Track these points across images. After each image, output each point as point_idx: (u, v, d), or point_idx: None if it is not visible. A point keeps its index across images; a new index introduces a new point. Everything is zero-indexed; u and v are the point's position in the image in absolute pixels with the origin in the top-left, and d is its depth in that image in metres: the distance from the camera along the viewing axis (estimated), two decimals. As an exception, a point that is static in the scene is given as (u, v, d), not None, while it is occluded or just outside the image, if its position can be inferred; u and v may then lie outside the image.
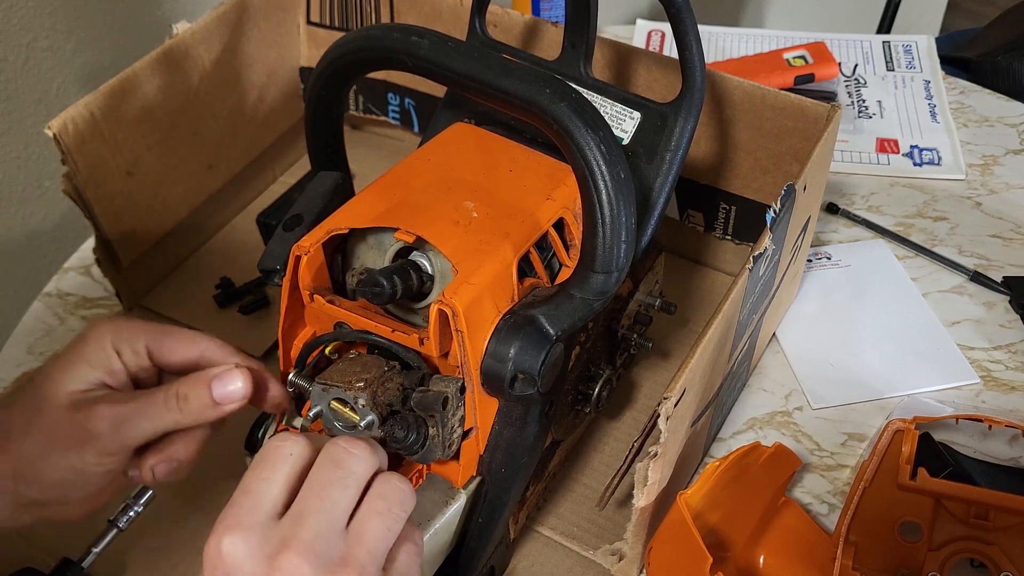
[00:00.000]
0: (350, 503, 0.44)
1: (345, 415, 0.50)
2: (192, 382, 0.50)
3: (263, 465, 0.44)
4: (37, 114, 0.96)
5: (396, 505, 0.44)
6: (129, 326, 0.52)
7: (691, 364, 0.53)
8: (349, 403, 0.49)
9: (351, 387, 0.49)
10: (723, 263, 0.84)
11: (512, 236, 0.53)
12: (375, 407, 0.49)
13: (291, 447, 0.44)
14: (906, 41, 1.13)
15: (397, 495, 0.45)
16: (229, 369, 0.51)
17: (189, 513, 0.68)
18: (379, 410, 0.49)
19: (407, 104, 0.91)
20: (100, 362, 0.51)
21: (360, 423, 0.49)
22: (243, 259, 0.87)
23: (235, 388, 0.50)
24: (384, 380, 0.50)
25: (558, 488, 0.68)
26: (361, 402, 0.49)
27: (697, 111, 0.61)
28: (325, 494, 0.43)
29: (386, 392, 0.49)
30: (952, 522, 0.62)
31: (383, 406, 0.49)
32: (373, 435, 0.49)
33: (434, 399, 0.49)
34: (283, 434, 0.45)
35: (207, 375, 0.50)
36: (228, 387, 0.50)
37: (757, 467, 0.63)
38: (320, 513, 0.42)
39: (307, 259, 0.52)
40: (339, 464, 0.44)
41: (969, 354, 0.77)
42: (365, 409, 0.49)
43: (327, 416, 0.50)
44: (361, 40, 0.55)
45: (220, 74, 0.83)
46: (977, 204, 0.91)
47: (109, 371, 0.51)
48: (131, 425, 0.49)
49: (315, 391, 0.51)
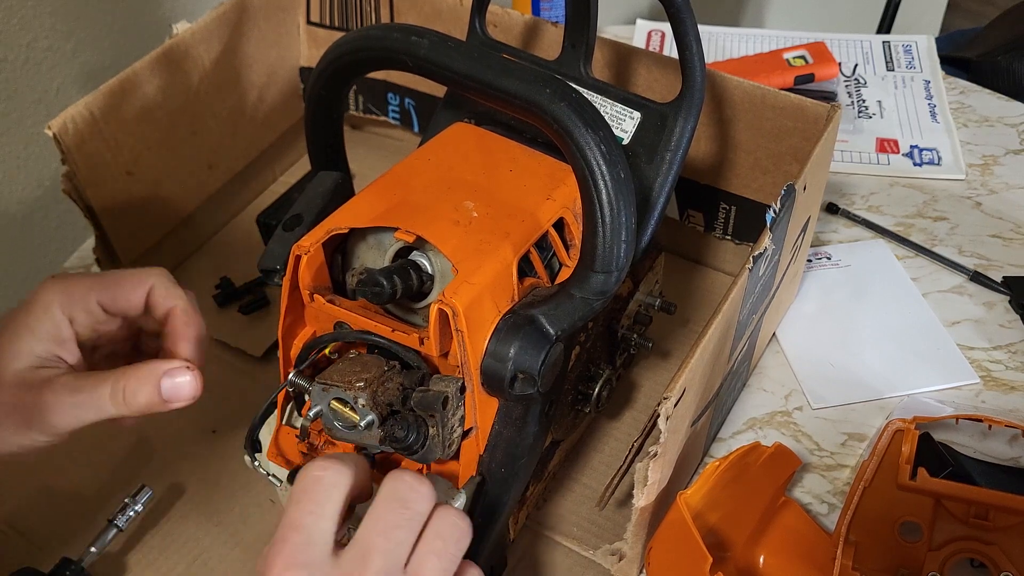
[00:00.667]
0: (411, 542, 0.44)
1: (345, 415, 0.50)
2: (140, 378, 0.50)
3: (308, 498, 0.43)
4: (37, 114, 0.96)
5: (453, 544, 0.44)
6: (78, 285, 0.51)
7: (691, 364, 0.53)
8: (349, 403, 0.49)
9: (351, 387, 0.49)
10: (723, 263, 0.84)
11: (512, 236, 0.53)
12: (375, 407, 0.49)
13: (334, 477, 0.44)
14: (906, 41, 1.13)
15: (455, 533, 0.45)
16: (179, 367, 0.50)
17: (189, 513, 0.68)
18: (379, 410, 0.49)
19: (407, 104, 0.91)
20: (48, 333, 0.50)
21: (360, 423, 0.49)
22: (243, 259, 0.87)
23: (184, 388, 0.50)
24: (384, 380, 0.50)
25: (558, 488, 0.68)
26: (361, 402, 0.49)
27: (697, 111, 0.61)
28: (392, 535, 0.43)
29: (386, 392, 0.49)
30: (952, 522, 0.62)
31: (383, 406, 0.49)
32: (372, 435, 0.49)
33: (434, 399, 0.49)
34: (321, 462, 0.45)
35: (156, 371, 0.50)
36: (178, 387, 0.50)
37: (757, 467, 0.63)
38: (386, 555, 0.42)
39: (307, 259, 0.52)
40: (406, 504, 0.44)
41: (969, 354, 0.77)
42: (365, 409, 0.49)
43: (327, 416, 0.50)
44: (361, 40, 0.55)
45: (220, 74, 0.83)
46: (977, 204, 0.91)
47: (59, 342, 0.50)
48: (77, 414, 0.49)
49: (315, 391, 0.51)
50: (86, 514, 0.68)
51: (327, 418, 0.50)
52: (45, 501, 0.69)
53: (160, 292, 0.53)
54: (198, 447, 0.72)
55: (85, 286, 0.51)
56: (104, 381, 0.50)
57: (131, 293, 0.52)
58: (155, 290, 0.53)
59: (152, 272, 0.53)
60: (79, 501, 0.69)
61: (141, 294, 0.53)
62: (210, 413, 0.74)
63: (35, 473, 0.70)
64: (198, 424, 0.74)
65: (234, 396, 0.75)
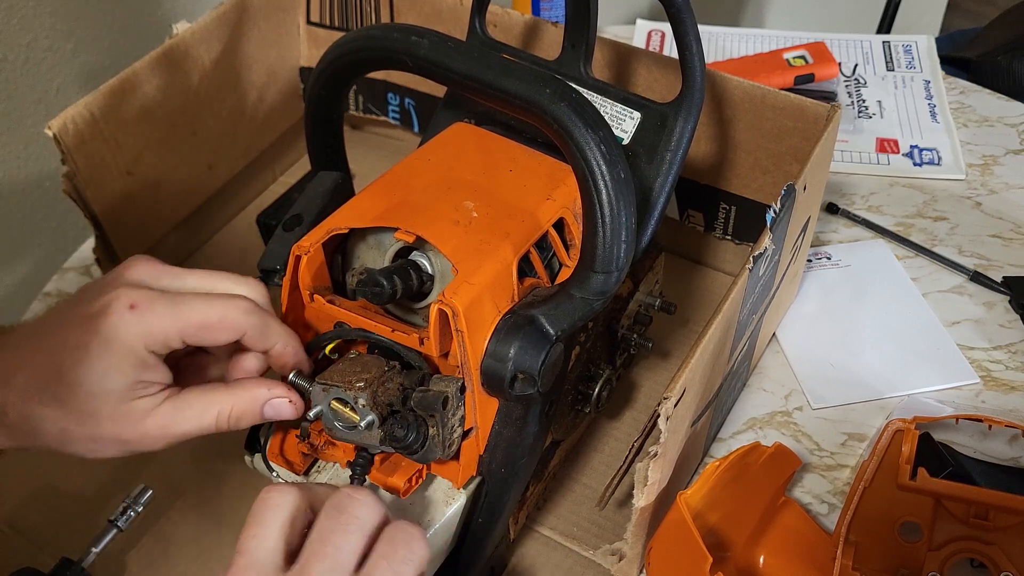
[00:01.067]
0: (356, 549, 0.43)
1: (345, 415, 0.50)
2: (246, 402, 0.50)
3: (252, 522, 0.44)
4: (37, 114, 0.96)
5: (404, 547, 0.44)
6: (159, 325, 0.48)
7: (691, 364, 0.53)
8: (349, 403, 0.49)
9: (351, 387, 0.49)
10: (723, 263, 0.84)
11: (512, 236, 0.53)
12: (375, 407, 0.49)
13: (277, 499, 0.44)
14: (906, 41, 1.13)
15: (406, 539, 0.44)
16: (282, 397, 0.51)
17: (189, 513, 0.68)
18: (379, 410, 0.49)
19: (407, 104, 0.91)
20: (134, 368, 0.48)
21: (360, 423, 0.49)
22: (243, 259, 0.87)
23: (284, 410, 0.51)
24: (384, 380, 0.50)
25: (558, 488, 0.68)
26: (361, 402, 0.49)
27: (697, 111, 0.61)
28: (328, 540, 0.43)
29: (386, 392, 0.49)
30: (952, 522, 0.62)
31: (383, 406, 0.49)
32: (373, 435, 0.49)
33: (434, 399, 0.49)
34: (269, 487, 0.45)
35: (261, 398, 0.50)
36: (279, 410, 0.51)
37: (757, 467, 0.63)
38: (325, 559, 0.42)
39: (307, 259, 0.52)
40: (342, 510, 0.44)
41: (969, 354, 0.77)
42: (365, 409, 0.49)
43: (327, 416, 0.50)
44: (361, 40, 0.55)
45: (220, 74, 0.83)
46: (977, 204, 0.91)
47: (146, 369, 0.48)
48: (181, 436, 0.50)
49: (315, 391, 0.51)
50: (86, 514, 0.68)
51: (327, 418, 0.50)
52: (45, 501, 0.69)
53: (253, 338, 0.50)
54: (198, 447, 0.72)
55: (171, 329, 0.48)
56: (212, 405, 0.50)
57: (220, 337, 0.50)
58: (248, 337, 0.50)
59: (243, 314, 0.50)
60: (79, 501, 0.69)
61: (231, 338, 0.50)
62: (210, 413, 0.74)
63: (35, 473, 0.70)
64: (198, 424, 0.73)
65: (234, 396, 0.75)
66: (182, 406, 0.50)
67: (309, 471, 0.56)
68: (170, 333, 0.48)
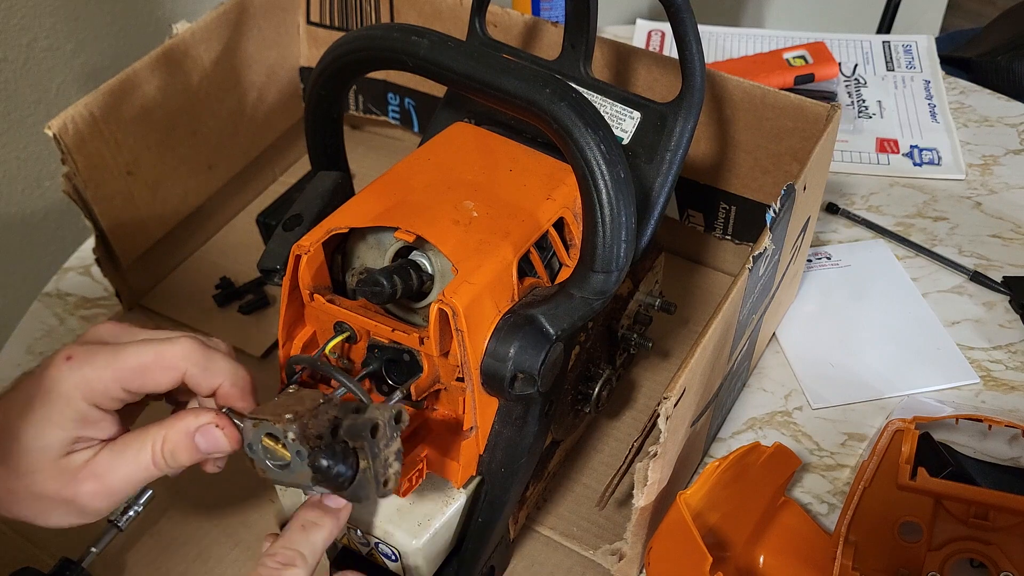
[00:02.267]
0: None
1: (276, 452, 0.46)
2: (176, 440, 0.48)
3: None
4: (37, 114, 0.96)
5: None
6: (98, 376, 0.47)
7: (691, 364, 0.53)
8: (280, 439, 0.46)
9: (280, 419, 0.45)
10: (723, 263, 0.84)
11: (512, 236, 0.53)
12: (305, 440, 0.45)
13: None
14: (906, 41, 1.13)
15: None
16: (207, 424, 0.49)
17: (189, 513, 0.68)
18: (310, 443, 0.45)
19: (407, 104, 0.91)
20: (74, 422, 0.47)
21: (292, 461, 0.46)
22: (243, 259, 0.87)
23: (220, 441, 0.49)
24: (317, 412, 0.46)
25: (558, 488, 0.68)
26: (291, 435, 0.45)
27: (697, 111, 0.61)
28: None
29: (318, 424, 0.46)
30: (952, 522, 0.62)
31: (313, 439, 0.46)
32: (304, 472, 0.46)
33: (363, 425, 0.44)
34: None
35: (188, 429, 0.48)
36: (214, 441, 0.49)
37: (757, 467, 0.63)
38: None
39: (307, 259, 0.52)
40: None
41: (969, 354, 0.77)
42: (295, 443, 0.45)
43: (259, 454, 0.47)
44: (361, 40, 0.55)
45: (220, 74, 0.83)
46: (977, 204, 0.91)
47: (88, 424, 0.47)
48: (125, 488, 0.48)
49: (246, 426, 0.47)
50: (86, 514, 0.68)
51: (259, 457, 0.47)
52: (45, 501, 0.69)
53: (196, 377, 0.49)
54: (198, 447, 0.72)
55: (107, 376, 0.47)
56: (145, 444, 0.48)
57: (160, 379, 0.49)
58: (190, 376, 0.49)
59: (181, 352, 0.48)
60: (79, 501, 0.69)
61: (172, 380, 0.49)
62: (210, 413, 0.74)
63: (35, 473, 0.70)
64: (198, 424, 0.74)
65: (234, 396, 0.75)
66: (119, 450, 0.48)
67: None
68: (107, 381, 0.47)
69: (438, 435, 0.55)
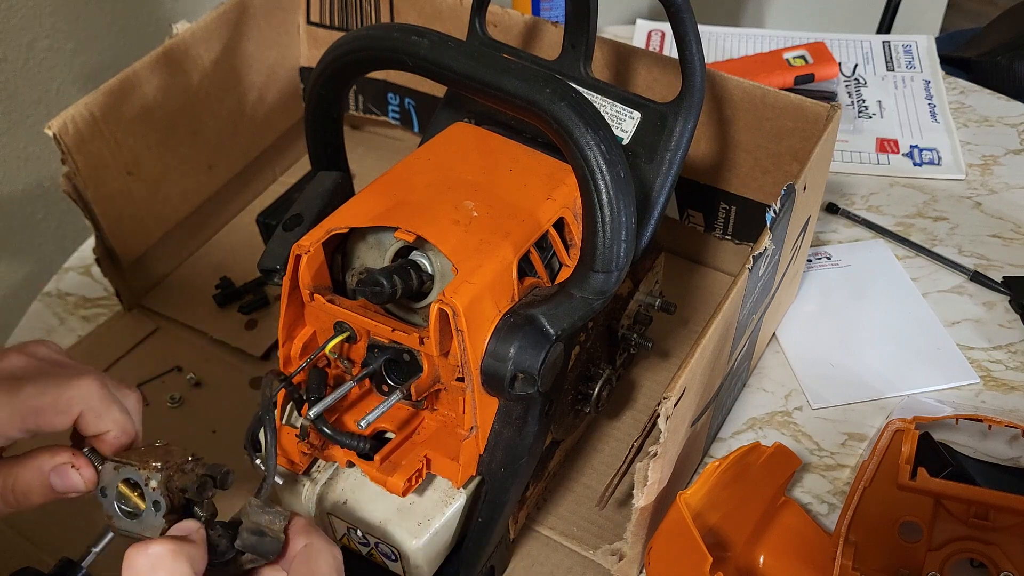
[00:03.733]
0: None
1: (131, 500, 0.46)
2: (28, 479, 0.48)
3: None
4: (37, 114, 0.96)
5: None
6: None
7: (691, 364, 0.53)
8: (140, 486, 0.46)
9: (146, 466, 0.45)
10: (723, 263, 0.84)
11: (512, 236, 0.53)
12: (167, 492, 0.45)
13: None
14: (906, 41, 1.13)
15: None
16: (64, 465, 0.48)
17: (189, 513, 0.68)
18: (171, 497, 0.45)
19: (407, 104, 0.91)
20: None
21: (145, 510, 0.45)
22: (243, 259, 0.87)
23: (75, 482, 0.49)
24: (183, 466, 0.47)
25: (558, 488, 0.68)
26: (153, 484, 0.45)
27: (697, 111, 0.61)
28: None
29: (183, 478, 0.46)
30: (952, 522, 0.62)
31: (176, 493, 0.46)
32: (156, 523, 0.46)
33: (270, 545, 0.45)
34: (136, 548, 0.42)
35: (43, 469, 0.48)
36: (69, 482, 0.48)
37: (757, 467, 0.63)
38: None
39: (307, 258, 0.52)
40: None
41: (969, 354, 0.77)
42: (154, 492, 0.45)
43: (110, 499, 0.47)
44: (361, 40, 0.55)
45: (220, 74, 0.83)
46: (977, 204, 0.91)
47: None
48: None
49: (106, 468, 0.47)
50: (86, 514, 0.68)
51: (109, 503, 0.47)
52: (45, 501, 0.69)
53: (88, 421, 0.49)
54: (198, 447, 0.71)
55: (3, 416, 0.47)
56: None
57: (55, 421, 0.48)
58: (82, 418, 0.48)
59: (78, 396, 0.48)
60: (79, 501, 0.69)
61: (66, 422, 0.49)
62: (210, 413, 0.74)
63: (35, 473, 0.70)
64: (198, 424, 0.74)
65: (234, 396, 0.75)
66: None
67: (309, 470, 0.56)
68: (3, 421, 0.47)
69: (438, 435, 0.55)
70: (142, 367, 0.78)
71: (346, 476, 0.56)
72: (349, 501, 0.55)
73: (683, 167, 0.62)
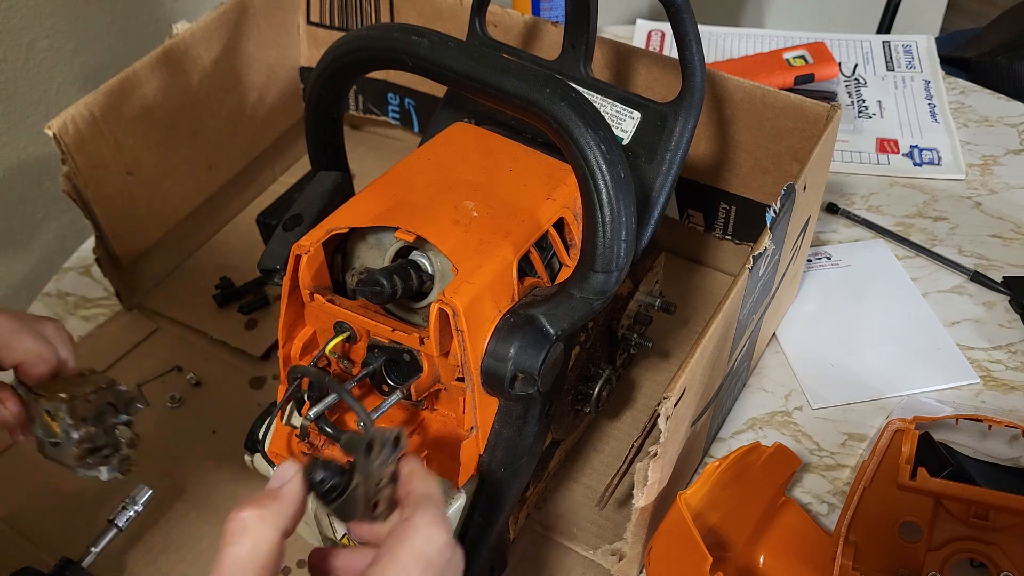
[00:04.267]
0: None
1: (52, 429, 0.49)
2: None
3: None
4: (37, 114, 0.96)
5: None
6: None
7: (691, 364, 0.53)
8: (54, 416, 0.48)
9: (54, 397, 0.48)
10: (723, 263, 0.84)
11: (512, 236, 0.53)
12: (74, 420, 0.48)
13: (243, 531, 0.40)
14: (906, 41, 1.13)
15: None
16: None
17: (189, 513, 0.68)
18: (76, 425, 0.48)
19: (407, 104, 0.91)
20: None
21: (63, 439, 0.48)
22: (243, 259, 0.87)
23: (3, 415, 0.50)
24: (90, 396, 0.49)
25: (558, 488, 0.68)
26: (61, 414, 0.48)
27: (697, 111, 0.61)
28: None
29: (88, 407, 0.49)
30: (952, 522, 0.62)
31: (79, 421, 0.49)
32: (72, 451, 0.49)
33: (359, 442, 0.43)
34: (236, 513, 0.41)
35: None
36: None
37: (757, 467, 0.63)
38: None
39: (307, 258, 0.52)
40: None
41: (969, 354, 0.77)
42: (65, 421, 0.48)
43: (39, 431, 0.50)
44: (361, 40, 0.55)
45: (220, 74, 0.83)
46: (977, 204, 0.91)
47: None
48: None
49: (29, 402, 0.50)
50: (86, 514, 0.68)
51: (39, 435, 0.49)
52: (45, 501, 0.69)
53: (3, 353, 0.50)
54: (198, 447, 0.72)
55: None
56: None
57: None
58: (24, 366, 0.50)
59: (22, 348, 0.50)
60: (79, 501, 0.69)
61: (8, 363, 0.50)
62: (210, 413, 0.74)
63: (35, 473, 0.70)
64: (198, 424, 0.74)
65: (234, 396, 0.75)
66: None
67: (309, 471, 0.56)
68: None
69: (438, 435, 0.55)
70: (142, 367, 0.78)
71: (346, 476, 0.55)
72: (349, 501, 0.54)
73: (683, 167, 0.62)
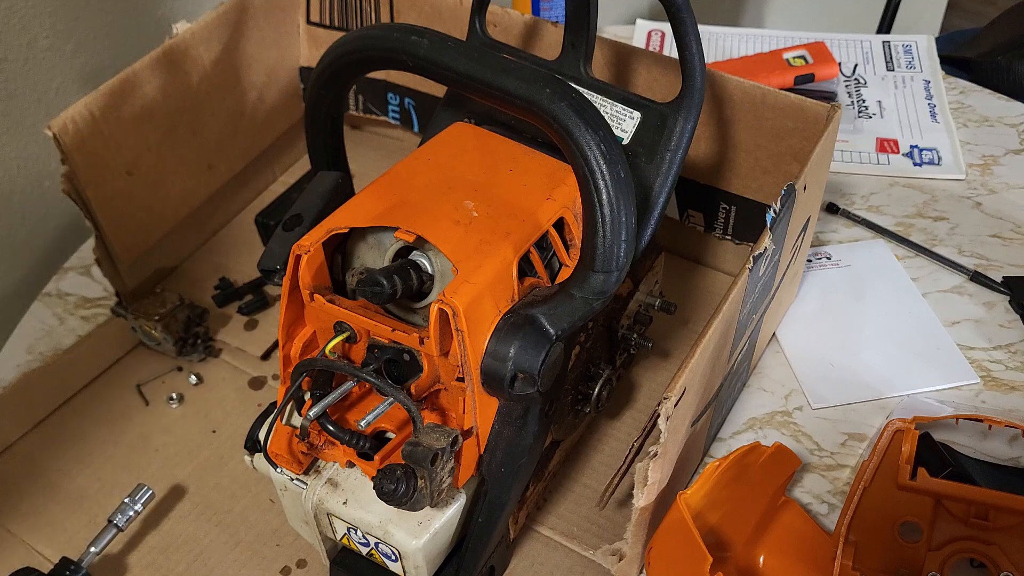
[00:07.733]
0: None
1: (152, 334, 0.76)
2: None
3: None
4: (37, 114, 0.96)
5: None
6: None
7: (691, 364, 0.53)
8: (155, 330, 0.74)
9: (150, 318, 0.76)
10: (723, 263, 0.84)
11: (512, 236, 0.53)
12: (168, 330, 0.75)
13: None
14: (906, 41, 1.13)
15: None
16: None
17: (189, 513, 0.68)
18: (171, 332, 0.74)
19: (407, 104, 0.91)
20: None
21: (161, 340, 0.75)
22: (243, 259, 0.87)
23: None
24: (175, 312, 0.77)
25: (558, 488, 0.68)
26: (158, 327, 0.75)
27: (697, 111, 0.61)
28: None
29: (175, 322, 0.76)
30: (952, 522, 0.62)
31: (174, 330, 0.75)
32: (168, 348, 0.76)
33: (423, 456, 0.48)
34: None
35: None
36: None
37: (757, 467, 0.63)
38: None
39: (307, 258, 0.52)
40: None
41: (969, 354, 0.77)
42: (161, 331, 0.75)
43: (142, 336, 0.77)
44: (361, 40, 0.55)
45: (220, 74, 0.83)
46: (977, 204, 0.91)
47: None
48: None
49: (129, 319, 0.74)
50: (86, 514, 0.68)
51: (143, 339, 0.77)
52: (45, 501, 0.69)
53: None
54: (198, 447, 0.72)
55: None
56: None
57: None
58: None
59: None
60: (79, 501, 0.69)
61: None
62: (210, 413, 0.74)
63: (35, 473, 0.70)
64: (198, 424, 0.74)
65: (234, 396, 0.75)
66: None
67: (309, 471, 0.56)
68: None
69: (438, 435, 0.55)
70: (142, 367, 0.78)
71: (346, 476, 0.56)
72: (349, 501, 0.55)
73: (683, 167, 0.62)
